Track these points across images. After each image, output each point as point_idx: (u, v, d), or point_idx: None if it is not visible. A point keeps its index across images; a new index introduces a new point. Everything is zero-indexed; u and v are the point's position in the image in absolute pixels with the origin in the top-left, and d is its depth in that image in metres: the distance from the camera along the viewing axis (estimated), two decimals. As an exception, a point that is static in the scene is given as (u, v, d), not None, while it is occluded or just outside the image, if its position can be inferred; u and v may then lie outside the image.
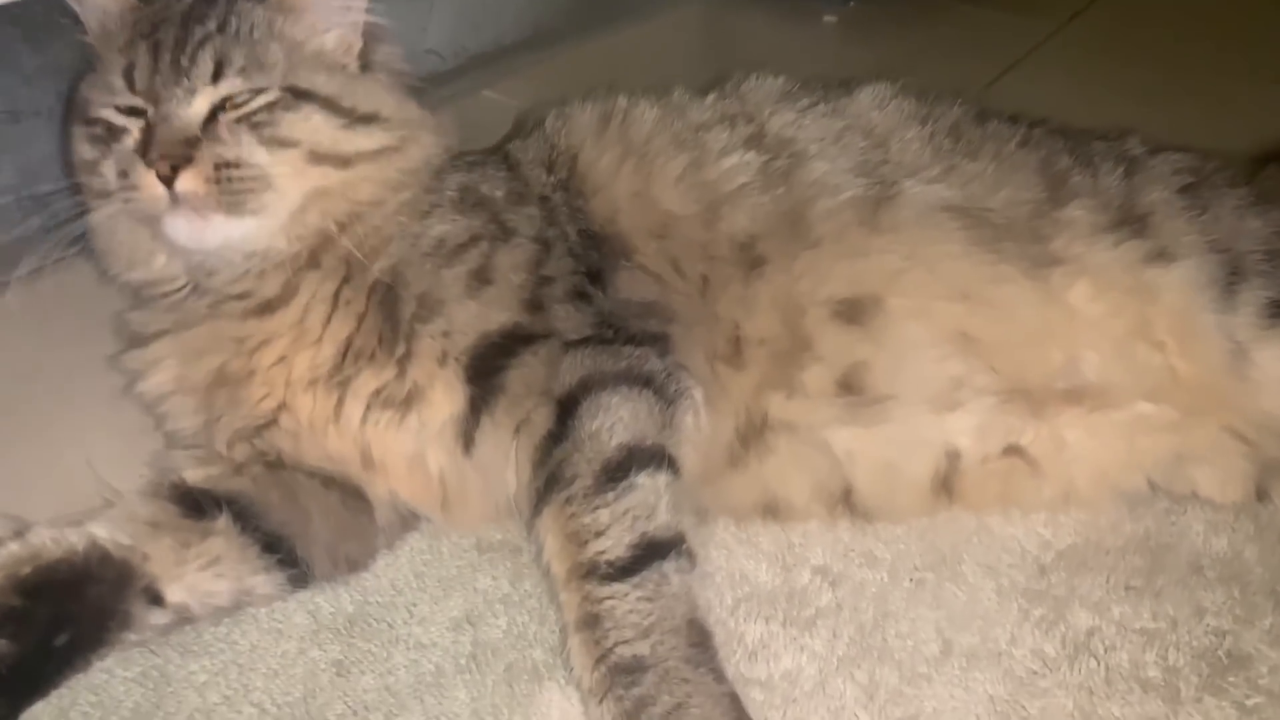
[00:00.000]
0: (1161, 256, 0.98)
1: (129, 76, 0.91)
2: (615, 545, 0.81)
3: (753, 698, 0.83)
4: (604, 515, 0.82)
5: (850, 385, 0.96)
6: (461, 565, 0.95)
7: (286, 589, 0.90)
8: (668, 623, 0.78)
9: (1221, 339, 0.96)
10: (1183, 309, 0.96)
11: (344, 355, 0.93)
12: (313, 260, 0.94)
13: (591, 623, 0.79)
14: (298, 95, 0.92)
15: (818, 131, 1.05)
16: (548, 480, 0.86)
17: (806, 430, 0.95)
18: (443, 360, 0.92)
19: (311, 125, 0.92)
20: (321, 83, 0.94)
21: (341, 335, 0.93)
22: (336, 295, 0.94)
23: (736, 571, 0.94)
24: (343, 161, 0.93)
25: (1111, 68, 2.01)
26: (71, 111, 0.99)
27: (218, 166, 0.87)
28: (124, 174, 0.89)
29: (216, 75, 0.90)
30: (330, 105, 0.93)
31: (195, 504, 0.90)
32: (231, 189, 0.88)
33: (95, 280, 1.07)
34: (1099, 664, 0.87)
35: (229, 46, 0.91)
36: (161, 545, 0.86)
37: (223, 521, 0.89)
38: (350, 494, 0.95)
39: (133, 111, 0.91)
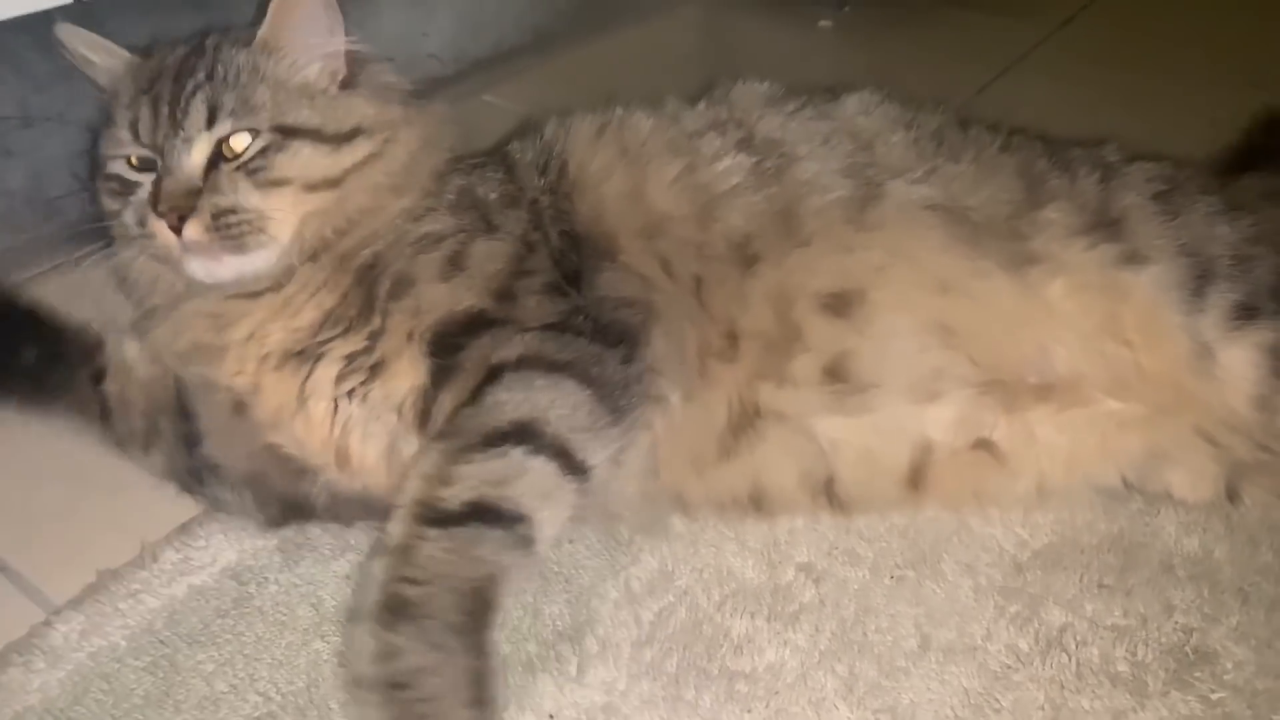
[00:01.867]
0: (1133, 259, 1.01)
1: (134, 130, 0.99)
2: (454, 497, 0.82)
3: (737, 690, 0.87)
4: (463, 469, 0.84)
5: (836, 373, 0.98)
6: (459, 561, 0.98)
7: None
8: (450, 580, 0.78)
9: (1187, 338, 0.98)
10: (1151, 309, 0.99)
11: (321, 325, 0.97)
12: (311, 257, 0.99)
13: (400, 550, 0.81)
14: (286, 133, 0.98)
15: (805, 134, 1.08)
16: (440, 432, 0.89)
17: (795, 419, 0.98)
18: (410, 336, 0.95)
19: (301, 160, 0.98)
20: (306, 116, 0.99)
21: (324, 307, 0.97)
22: (325, 280, 0.98)
23: (724, 568, 0.98)
24: (333, 183, 0.99)
25: (1102, 73, 2.03)
26: (94, 167, 1.06)
27: (215, 215, 0.94)
28: (141, 223, 0.97)
29: (210, 121, 0.97)
30: (317, 136, 0.99)
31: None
32: (231, 233, 0.95)
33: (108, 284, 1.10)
34: (1070, 659, 0.90)
35: (219, 93, 0.98)
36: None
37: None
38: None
39: (144, 163, 0.99)
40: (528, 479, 0.85)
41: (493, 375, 0.90)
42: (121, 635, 0.89)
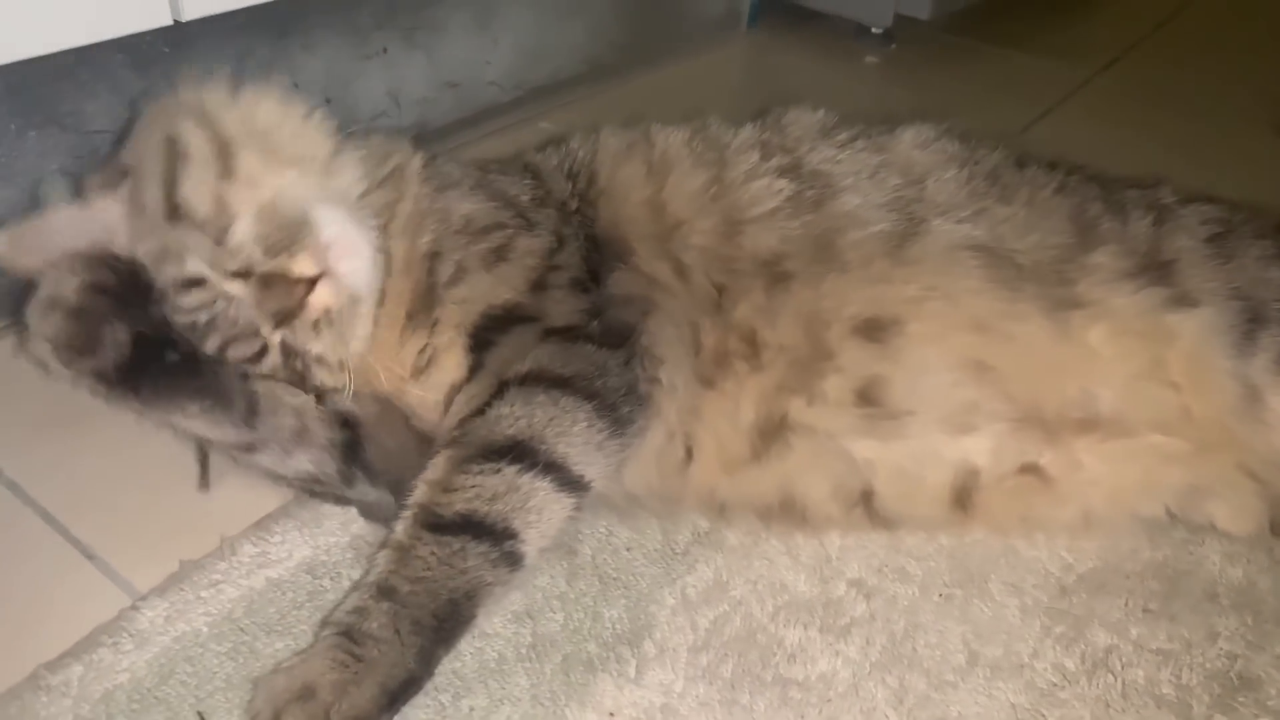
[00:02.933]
0: (1182, 302, 1.02)
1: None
2: (449, 506, 0.87)
3: (791, 696, 0.90)
4: (460, 479, 0.88)
5: (869, 398, 1.00)
6: (522, 564, 1.02)
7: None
8: (433, 585, 0.84)
9: (1236, 382, 0.99)
10: (1199, 352, 1.00)
11: (405, 327, 1.00)
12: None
13: (399, 548, 0.87)
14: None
15: (854, 166, 1.09)
16: (451, 439, 0.93)
17: (826, 436, 1.00)
18: (458, 328, 0.99)
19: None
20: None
21: (404, 308, 1.00)
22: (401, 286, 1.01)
23: (777, 580, 1.01)
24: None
25: (1146, 116, 2.06)
26: None
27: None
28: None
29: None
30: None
31: None
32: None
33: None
34: (1116, 679, 0.92)
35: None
36: None
37: None
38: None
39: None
40: (518, 495, 0.88)
41: (500, 390, 0.94)
42: (204, 622, 0.93)
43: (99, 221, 0.94)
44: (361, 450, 1.02)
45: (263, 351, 0.95)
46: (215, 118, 0.96)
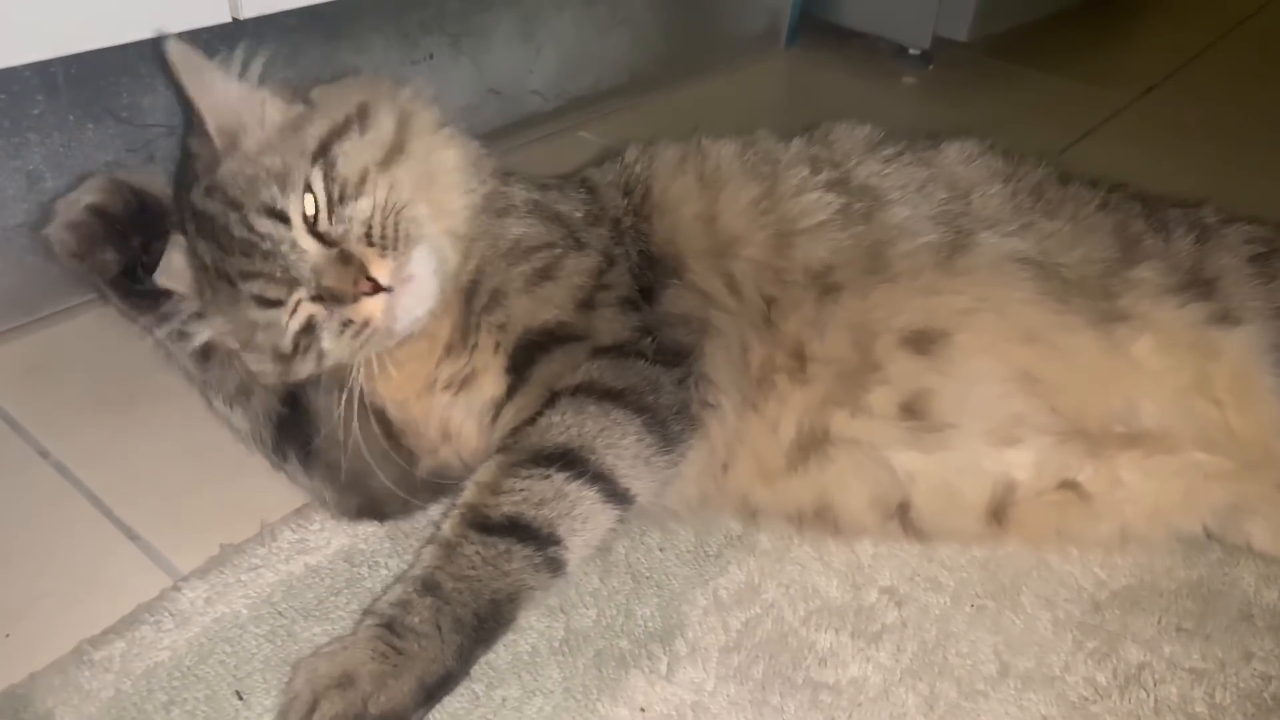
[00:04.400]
0: (1226, 319, 1.02)
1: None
2: (497, 508, 0.88)
3: (821, 699, 0.90)
4: (510, 483, 0.89)
5: (914, 410, 1.00)
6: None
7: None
8: (477, 584, 0.85)
9: (1278, 400, 0.99)
10: (1243, 369, 1.00)
11: (442, 359, 1.02)
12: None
13: (445, 545, 0.87)
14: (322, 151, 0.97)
15: (901, 180, 1.10)
16: (502, 445, 0.94)
17: (869, 448, 1.01)
18: (495, 349, 1.00)
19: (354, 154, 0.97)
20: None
21: (443, 339, 1.02)
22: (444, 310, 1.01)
23: (809, 585, 1.01)
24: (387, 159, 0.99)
25: (1183, 142, 2.06)
26: None
27: (367, 235, 0.94)
28: (345, 324, 0.95)
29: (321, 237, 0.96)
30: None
31: None
32: (388, 236, 0.94)
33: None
34: (1148, 695, 0.92)
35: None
36: None
37: None
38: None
39: (272, 302, 0.98)
40: (565, 503, 0.89)
41: (552, 400, 0.95)
42: (244, 604, 0.95)
43: (254, 109, 0.98)
44: (299, 431, 1.03)
45: (276, 305, 0.94)
46: (411, 129, 1.01)
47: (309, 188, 0.93)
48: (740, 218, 1.08)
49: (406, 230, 0.95)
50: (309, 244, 0.93)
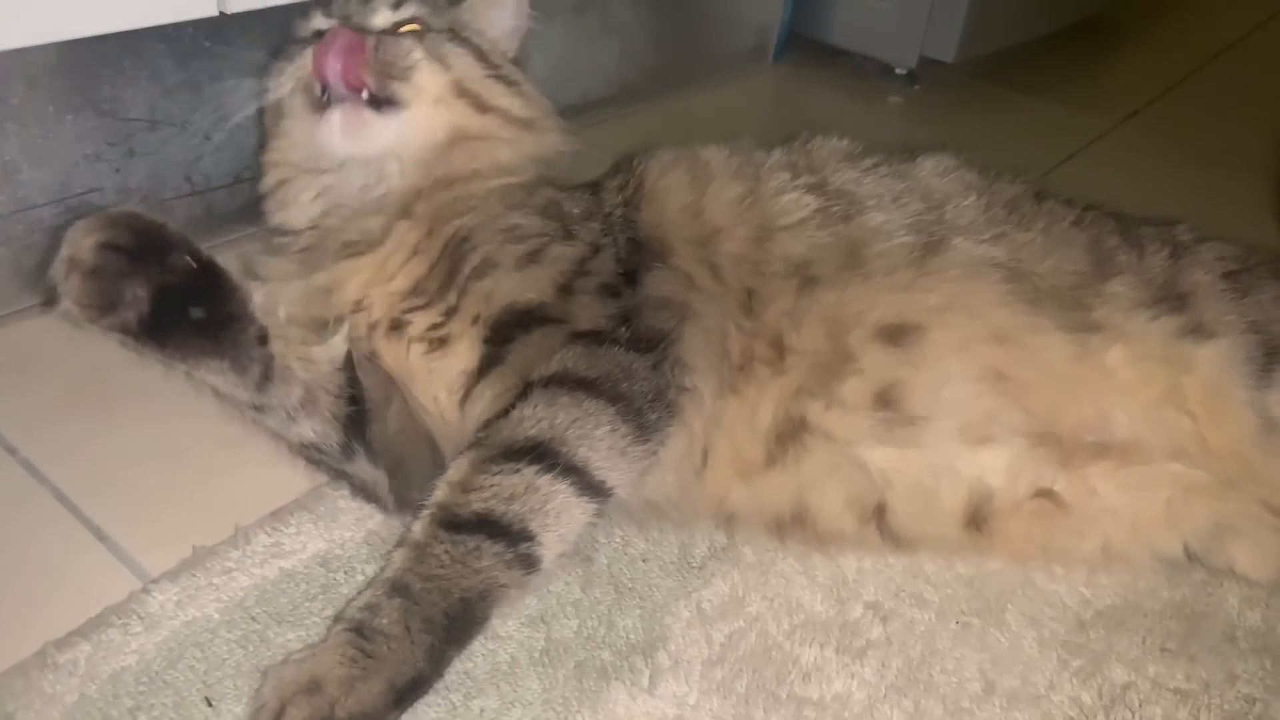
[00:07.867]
0: (1198, 332, 1.03)
1: (326, 6, 1.18)
2: (467, 506, 0.87)
3: (805, 715, 0.88)
4: (480, 479, 0.88)
5: (887, 401, 1.01)
6: (536, 569, 1.01)
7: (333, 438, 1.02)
8: (446, 584, 0.83)
9: (1253, 414, 1.00)
10: (1216, 382, 1.01)
11: (411, 292, 1.03)
12: (406, 210, 1.07)
13: (415, 546, 0.86)
14: (457, 39, 1.16)
15: (878, 189, 1.12)
16: (474, 440, 0.93)
17: (843, 443, 1.01)
18: (475, 319, 1.00)
19: (464, 61, 1.14)
20: (479, 41, 1.18)
21: (414, 275, 1.04)
22: (416, 245, 1.05)
23: (794, 599, 1.00)
24: (481, 106, 1.14)
25: (1166, 166, 2.08)
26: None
27: (377, 50, 1.09)
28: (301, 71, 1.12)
29: (398, 5, 1.16)
30: (481, 57, 1.16)
31: None
32: (385, 72, 1.09)
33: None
34: (1133, 715, 0.91)
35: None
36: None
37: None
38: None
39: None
40: (537, 497, 0.88)
41: (525, 392, 0.94)
42: (215, 608, 0.92)
43: None
44: (365, 426, 1.02)
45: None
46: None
47: None
48: (724, 211, 1.10)
49: (419, 84, 1.11)
50: (381, 19, 1.14)
